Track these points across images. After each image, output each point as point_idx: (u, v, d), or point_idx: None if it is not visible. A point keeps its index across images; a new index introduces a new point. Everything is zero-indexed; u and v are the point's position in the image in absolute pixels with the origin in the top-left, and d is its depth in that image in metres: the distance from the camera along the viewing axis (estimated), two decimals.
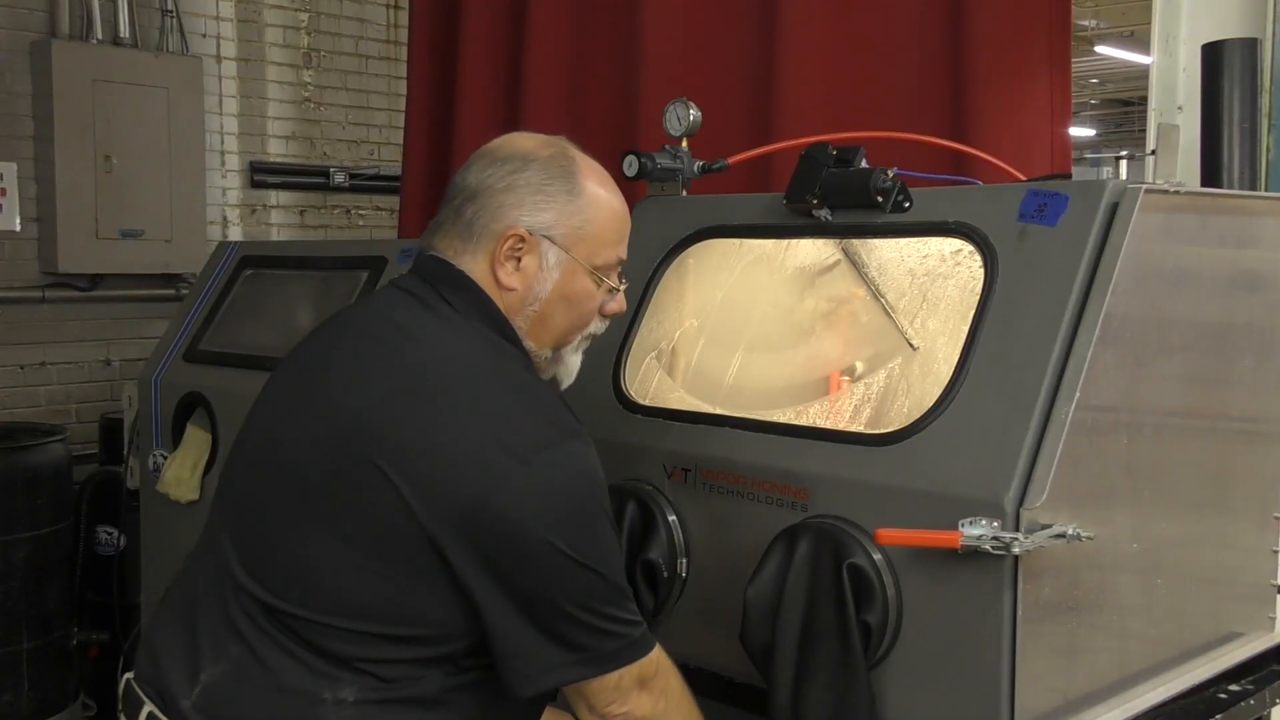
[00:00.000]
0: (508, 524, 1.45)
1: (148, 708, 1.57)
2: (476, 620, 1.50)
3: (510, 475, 1.45)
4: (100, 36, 4.74)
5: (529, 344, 1.66)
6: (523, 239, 1.60)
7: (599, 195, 1.66)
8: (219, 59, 5.23)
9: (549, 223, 1.61)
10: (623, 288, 1.73)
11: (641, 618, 1.60)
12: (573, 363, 1.73)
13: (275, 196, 5.47)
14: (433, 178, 4.18)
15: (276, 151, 5.46)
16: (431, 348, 1.57)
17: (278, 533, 1.56)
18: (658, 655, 1.62)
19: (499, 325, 1.62)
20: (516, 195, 1.60)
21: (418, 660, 1.51)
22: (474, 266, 1.62)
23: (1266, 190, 2.45)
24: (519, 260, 1.61)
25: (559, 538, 1.47)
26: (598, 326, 1.73)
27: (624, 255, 1.72)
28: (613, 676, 1.55)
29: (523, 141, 1.67)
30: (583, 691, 1.57)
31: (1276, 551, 2.17)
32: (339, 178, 5.60)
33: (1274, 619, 2.16)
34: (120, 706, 1.65)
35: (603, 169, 1.71)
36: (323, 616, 1.50)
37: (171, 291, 4.94)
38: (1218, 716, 1.88)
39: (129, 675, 1.65)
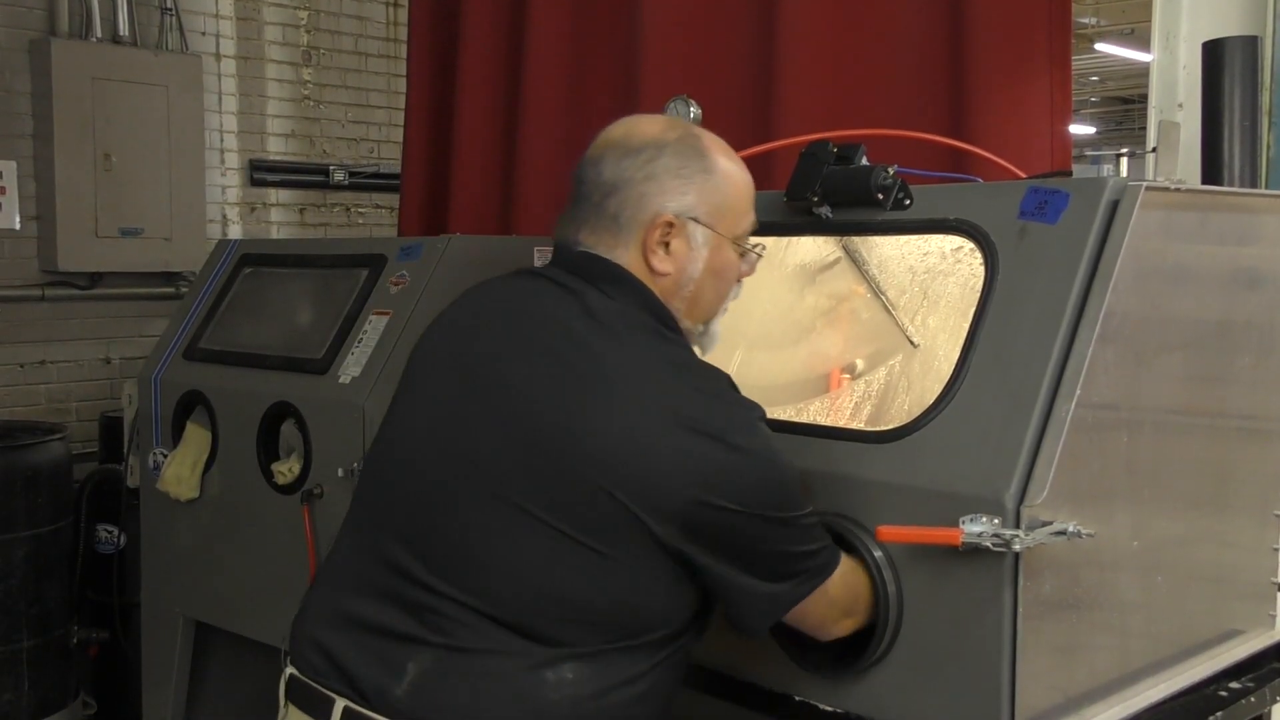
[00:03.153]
0: (726, 514, 1.52)
1: (342, 703, 1.58)
2: (694, 603, 1.60)
3: (722, 466, 1.52)
4: (99, 35, 4.74)
5: (685, 324, 1.71)
6: (670, 224, 1.64)
7: (730, 169, 1.71)
8: (218, 57, 5.23)
9: (692, 204, 1.65)
10: (760, 250, 1.79)
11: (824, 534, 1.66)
12: (716, 332, 1.79)
13: (275, 195, 5.47)
14: (432, 175, 4.18)
15: (276, 149, 5.46)
16: (610, 354, 1.58)
17: (474, 534, 1.57)
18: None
19: (659, 314, 1.66)
20: (657, 183, 1.64)
21: (628, 645, 1.57)
22: (626, 258, 1.65)
23: (1267, 188, 2.45)
24: (668, 245, 1.65)
25: (772, 509, 1.56)
26: (735, 293, 1.79)
27: (755, 220, 1.77)
28: (820, 593, 1.63)
29: (647, 127, 1.70)
30: (801, 615, 1.65)
31: (1277, 549, 2.17)
32: (339, 176, 5.60)
33: (1274, 616, 2.16)
34: (291, 703, 1.67)
35: (722, 140, 1.74)
36: (530, 610, 1.54)
37: (171, 290, 4.94)
38: (1218, 714, 1.88)
39: (292, 672, 1.67)
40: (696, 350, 1.74)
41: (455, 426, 1.63)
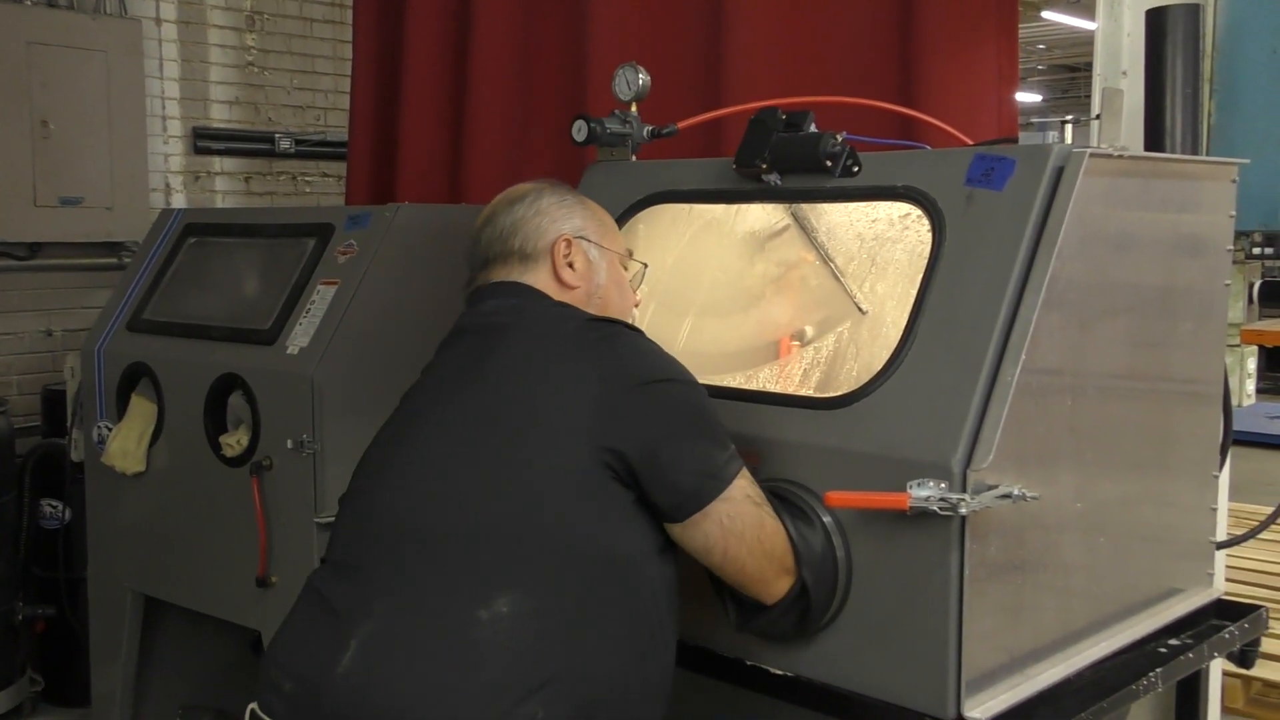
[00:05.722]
0: (637, 391, 1.66)
1: None
2: (627, 527, 1.64)
3: (614, 359, 1.69)
4: None
5: None
6: (569, 242, 1.88)
7: (595, 204, 1.98)
8: (158, 21, 5.12)
9: (580, 225, 1.91)
10: (642, 272, 2.05)
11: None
12: None
13: (219, 163, 5.38)
14: (380, 143, 4.13)
15: (220, 117, 5.37)
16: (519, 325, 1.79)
17: (403, 490, 1.69)
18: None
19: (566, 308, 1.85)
20: (548, 215, 1.90)
21: (563, 570, 1.60)
22: (537, 280, 1.87)
23: (1208, 155, 2.48)
24: (571, 265, 1.87)
25: (675, 374, 1.71)
26: (634, 314, 2.00)
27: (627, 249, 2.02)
28: (756, 544, 1.68)
29: (521, 185, 1.96)
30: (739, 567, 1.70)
31: (1214, 509, 2.22)
32: (284, 144, 5.52)
33: (1212, 575, 2.21)
34: None
35: None
36: (472, 539, 1.60)
37: (114, 260, 4.85)
38: (1158, 670, 1.92)
39: (253, 706, 1.69)
40: None
41: (391, 434, 1.81)
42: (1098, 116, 2.44)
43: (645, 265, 2.05)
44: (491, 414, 1.69)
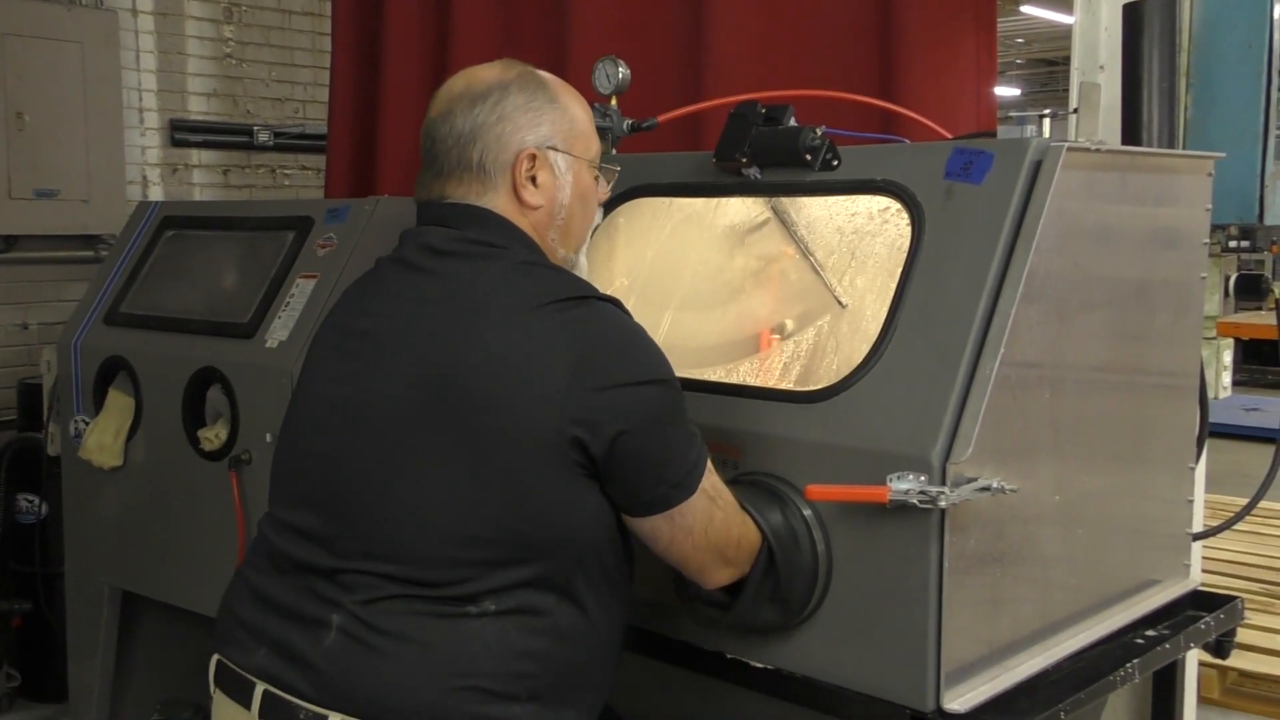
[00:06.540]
0: (610, 392, 1.56)
1: (261, 687, 1.61)
2: (593, 514, 1.60)
3: (593, 349, 1.58)
4: None
5: (561, 253, 1.77)
6: (534, 156, 1.70)
7: (570, 97, 1.78)
8: (135, 12, 5.08)
9: (548, 134, 1.72)
10: (615, 167, 1.88)
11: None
12: (585, 264, 1.84)
13: (197, 155, 5.35)
14: (359, 136, 4.12)
15: (197, 109, 5.33)
16: (474, 280, 1.65)
17: (377, 488, 1.61)
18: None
19: (530, 248, 1.72)
20: (512, 122, 1.70)
21: (532, 580, 1.58)
22: (497, 202, 1.71)
23: (1184, 148, 2.50)
24: (534, 180, 1.71)
25: (650, 374, 1.60)
26: (598, 218, 1.87)
27: (600, 145, 1.85)
28: (702, 536, 1.65)
29: (485, 73, 1.75)
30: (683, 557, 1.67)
31: (1191, 501, 2.23)
32: (263, 136, 5.49)
33: (1189, 566, 2.23)
34: (219, 688, 1.69)
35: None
36: (438, 558, 1.56)
37: (90, 253, 4.82)
38: (1135, 661, 1.94)
39: (218, 657, 1.70)
40: None
41: (350, 390, 1.67)
42: (1075, 110, 2.45)
43: (618, 169, 1.90)
44: (455, 394, 1.57)
